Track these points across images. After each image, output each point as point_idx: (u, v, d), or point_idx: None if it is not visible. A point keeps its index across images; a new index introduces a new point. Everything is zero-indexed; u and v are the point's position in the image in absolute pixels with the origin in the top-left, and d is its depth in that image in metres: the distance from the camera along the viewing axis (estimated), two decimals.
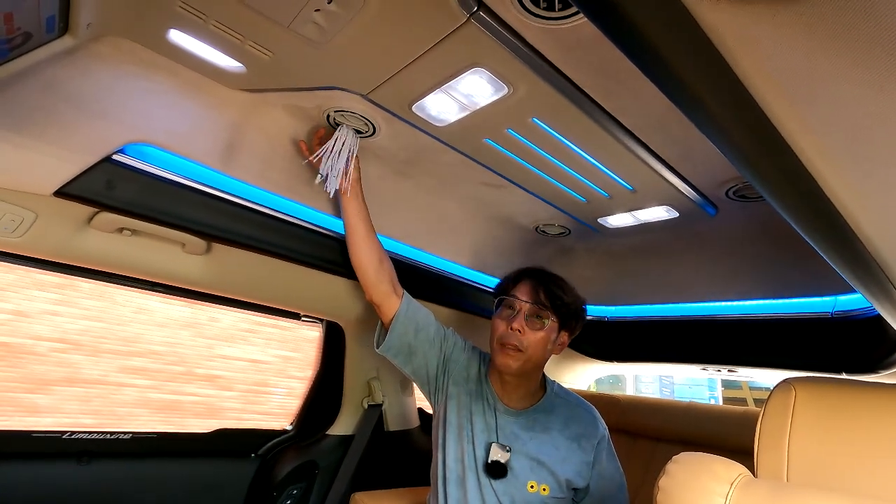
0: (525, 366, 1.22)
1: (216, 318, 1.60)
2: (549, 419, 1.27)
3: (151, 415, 1.49)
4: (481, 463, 1.20)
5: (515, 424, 1.25)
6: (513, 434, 1.24)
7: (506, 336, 1.22)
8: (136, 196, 1.05)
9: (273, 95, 1.07)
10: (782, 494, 0.56)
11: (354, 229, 1.24)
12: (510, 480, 1.18)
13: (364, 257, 1.26)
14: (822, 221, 0.56)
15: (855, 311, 1.33)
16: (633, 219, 1.41)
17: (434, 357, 1.32)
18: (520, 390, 1.29)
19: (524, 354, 1.21)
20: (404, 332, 1.28)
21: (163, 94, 1.00)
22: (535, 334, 1.22)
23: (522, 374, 1.25)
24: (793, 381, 0.70)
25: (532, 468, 1.20)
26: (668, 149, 1.06)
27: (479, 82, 0.90)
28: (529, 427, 1.25)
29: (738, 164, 0.46)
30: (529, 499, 1.19)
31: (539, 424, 1.26)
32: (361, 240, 1.25)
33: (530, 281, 1.27)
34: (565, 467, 1.21)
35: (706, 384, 15.92)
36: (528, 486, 1.19)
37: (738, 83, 0.37)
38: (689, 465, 0.63)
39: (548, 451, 1.22)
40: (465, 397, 1.29)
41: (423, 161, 1.25)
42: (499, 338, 1.24)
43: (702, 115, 0.39)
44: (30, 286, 1.27)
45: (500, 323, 1.25)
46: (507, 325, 1.23)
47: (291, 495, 1.63)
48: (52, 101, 0.89)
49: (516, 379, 1.26)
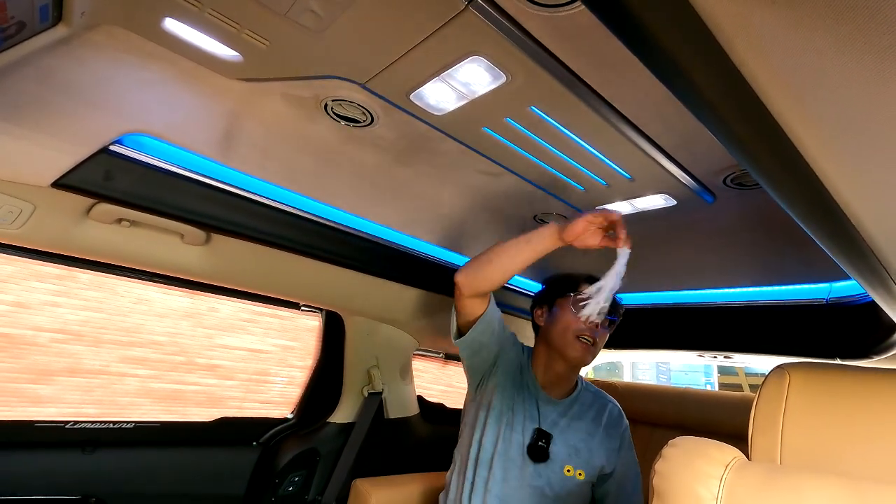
0: (590, 359, 1.35)
1: (216, 309, 1.61)
2: (583, 409, 1.39)
3: (153, 404, 1.50)
4: (520, 447, 1.28)
5: (555, 412, 1.35)
6: (553, 421, 1.33)
7: (586, 330, 1.32)
8: (135, 187, 1.05)
9: (270, 85, 1.06)
10: (775, 476, 0.57)
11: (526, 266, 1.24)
12: (549, 464, 1.27)
13: (504, 279, 1.26)
14: (818, 209, 0.57)
15: (849, 297, 1.34)
16: (630, 207, 1.41)
17: (493, 354, 1.39)
18: (565, 382, 1.40)
19: (595, 350, 1.33)
20: (483, 331, 1.34)
21: (159, 83, 1.00)
22: (604, 334, 1.36)
23: (583, 366, 1.37)
24: (787, 367, 0.72)
25: (569, 454, 1.29)
26: (666, 137, 1.06)
27: (478, 71, 0.90)
28: (567, 415, 1.35)
29: (735, 153, 0.46)
30: (565, 482, 1.27)
31: (575, 413, 1.37)
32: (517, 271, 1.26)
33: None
34: (598, 453, 1.31)
35: (702, 371, 16.05)
36: (565, 470, 1.27)
37: (736, 71, 0.37)
38: (685, 449, 0.64)
39: (583, 438, 1.32)
40: (510, 386, 1.37)
41: (421, 150, 1.25)
42: (576, 331, 1.33)
43: (699, 103, 0.40)
44: (29, 277, 1.27)
45: (575, 317, 1.34)
46: (585, 321, 1.30)
47: (293, 482, 1.65)
48: (47, 91, 0.88)
49: (572, 372, 1.38)
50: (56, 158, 0.95)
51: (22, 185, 0.97)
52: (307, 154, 1.24)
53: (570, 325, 1.35)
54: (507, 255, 1.22)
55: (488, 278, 1.24)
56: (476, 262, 1.26)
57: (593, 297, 1.14)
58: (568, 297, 1.38)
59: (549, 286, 1.49)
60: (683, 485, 0.59)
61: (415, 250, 1.56)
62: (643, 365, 14.94)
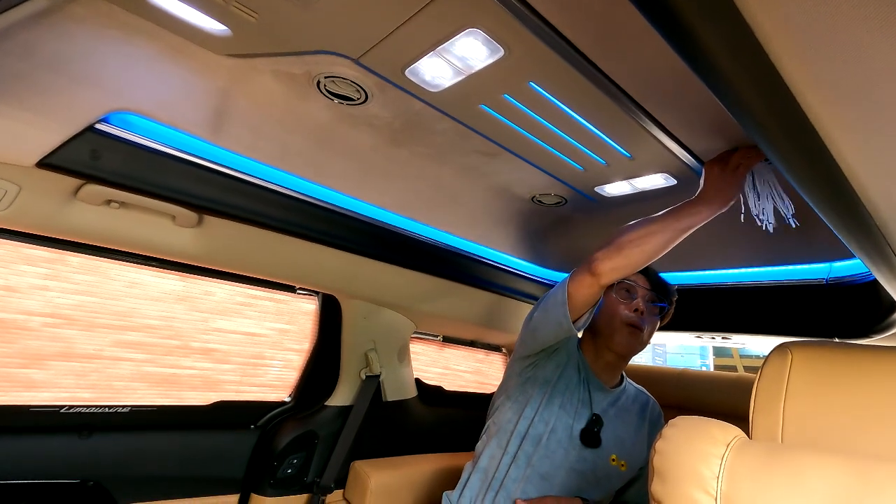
0: (639, 349, 1.32)
1: (210, 292, 1.59)
2: (628, 401, 1.39)
3: (149, 388, 1.49)
4: (570, 430, 1.26)
5: (605, 401, 1.34)
6: (603, 409, 1.32)
7: (633, 318, 1.29)
8: (123, 167, 1.02)
9: (261, 61, 1.03)
10: (777, 455, 0.57)
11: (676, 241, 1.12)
12: (598, 451, 1.26)
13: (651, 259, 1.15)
14: (827, 183, 0.55)
15: (850, 277, 1.33)
16: (630, 187, 1.39)
17: (566, 335, 1.30)
18: (614, 372, 1.38)
19: (643, 337, 1.31)
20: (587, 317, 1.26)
21: (145, 59, 0.96)
22: (653, 319, 1.33)
23: (632, 355, 1.35)
24: (789, 345, 0.71)
25: (616, 443, 1.29)
26: (667, 114, 1.04)
27: (475, 44, 0.87)
28: (616, 405, 1.35)
29: (744, 121, 0.44)
30: (609, 470, 1.27)
31: (623, 404, 1.37)
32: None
33: (644, 272, 1.35)
34: (638, 448, 1.33)
35: (698, 353, 16.24)
36: (611, 459, 1.27)
37: (750, 33, 0.35)
38: (686, 429, 0.63)
39: (628, 431, 1.33)
40: (568, 368, 1.34)
41: (417, 129, 1.22)
42: (624, 318, 1.30)
43: (710, 67, 0.38)
44: (17, 261, 1.24)
45: (623, 305, 1.32)
46: (629, 307, 1.30)
47: (292, 464, 1.66)
48: (28, 66, 0.85)
49: (618, 361, 1.35)
50: (40, 137, 0.92)
51: (6, 164, 0.94)
52: (300, 134, 1.22)
53: (618, 312, 1.33)
54: (656, 238, 1.10)
55: (633, 263, 1.13)
56: (621, 250, 1.14)
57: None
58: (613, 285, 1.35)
59: None
60: (684, 464, 0.59)
61: (411, 232, 1.54)
62: None
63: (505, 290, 1.87)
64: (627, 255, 1.12)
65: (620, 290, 1.36)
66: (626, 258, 1.13)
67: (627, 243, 1.13)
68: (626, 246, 1.13)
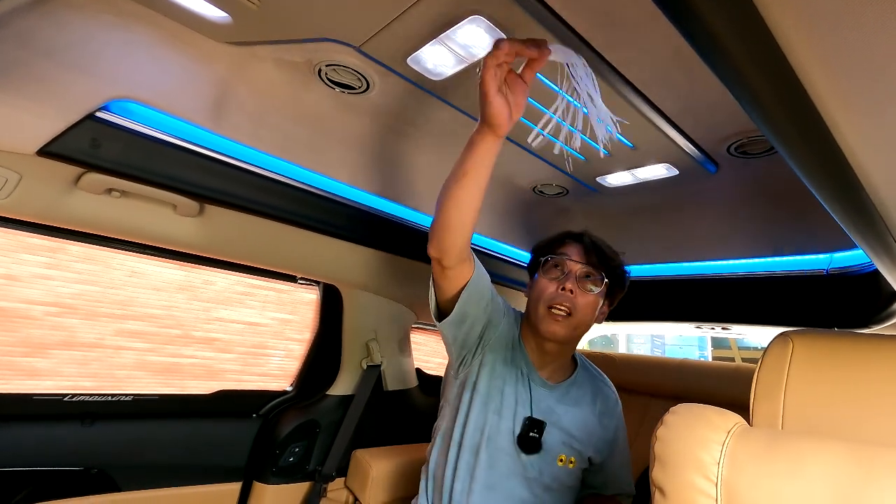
0: (572, 333, 1.15)
1: (211, 282, 1.59)
2: (580, 392, 1.23)
3: (151, 377, 1.50)
4: (510, 435, 1.14)
5: (550, 398, 1.19)
6: (548, 408, 1.18)
7: (557, 298, 1.12)
8: (124, 155, 1.02)
9: (262, 49, 1.03)
10: (778, 441, 0.57)
11: (487, 175, 0.93)
12: (542, 455, 1.14)
13: (474, 213, 0.97)
14: (831, 171, 0.55)
15: (850, 267, 1.34)
16: (632, 177, 1.39)
17: (480, 324, 1.17)
18: (558, 361, 1.23)
19: (573, 320, 1.13)
20: (469, 300, 1.09)
21: (144, 46, 0.96)
22: (586, 296, 1.14)
23: (567, 342, 1.18)
24: (790, 334, 0.71)
25: (563, 442, 1.17)
26: (670, 103, 1.03)
27: (477, 32, 0.86)
28: (563, 401, 1.20)
29: (749, 107, 0.44)
30: (557, 472, 1.16)
31: (571, 398, 1.22)
32: (483, 189, 0.95)
33: (579, 242, 1.19)
34: (591, 442, 1.20)
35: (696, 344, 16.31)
36: (558, 460, 1.16)
37: (757, 14, 0.35)
38: (687, 416, 0.63)
39: (578, 426, 1.19)
40: (499, 366, 1.19)
41: (419, 118, 1.22)
42: (547, 300, 1.14)
43: (713, 44, 0.37)
44: (19, 249, 1.24)
45: (548, 284, 1.15)
46: (557, 287, 1.14)
47: (294, 452, 1.67)
48: (26, 54, 0.85)
49: (558, 348, 1.19)
50: (40, 125, 0.91)
51: (6, 152, 0.94)
52: (301, 122, 1.21)
53: (542, 294, 1.15)
54: (457, 178, 0.92)
55: (451, 219, 0.95)
56: (436, 210, 0.98)
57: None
58: (540, 263, 1.20)
59: (532, 254, 1.29)
60: (685, 450, 0.59)
61: (412, 222, 1.54)
62: (638, 339, 15.15)
63: (506, 280, 1.87)
64: (441, 211, 0.96)
65: (547, 268, 1.18)
66: (442, 214, 0.96)
67: (439, 201, 0.97)
68: (438, 203, 0.97)
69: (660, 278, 1.79)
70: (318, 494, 1.69)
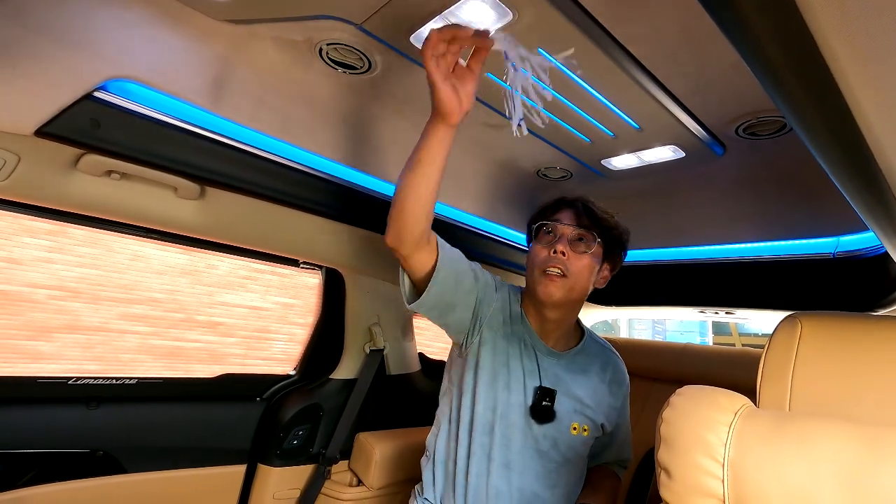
0: (569, 295, 1.13)
1: (214, 266, 1.59)
2: (587, 361, 1.24)
3: (155, 361, 1.50)
4: (522, 408, 1.14)
5: (558, 366, 1.19)
6: (556, 376, 1.18)
7: (548, 261, 1.13)
8: (123, 136, 1.00)
9: (261, 27, 1.00)
10: (785, 422, 0.56)
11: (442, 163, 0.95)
12: (555, 424, 1.14)
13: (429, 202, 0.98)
14: (846, 148, 0.54)
15: (857, 251, 1.32)
16: (637, 160, 1.37)
17: (470, 308, 1.17)
18: (561, 328, 1.22)
19: (568, 281, 1.12)
20: (443, 287, 1.09)
21: (142, 24, 0.94)
22: (580, 259, 1.14)
23: (565, 305, 1.16)
24: (799, 316, 0.70)
25: (575, 410, 1.17)
26: (678, 82, 1.01)
27: (482, 7, 0.84)
28: (571, 368, 1.21)
29: (768, 83, 0.43)
30: (571, 441, 1.16)
31: (579, 366, 1.22)
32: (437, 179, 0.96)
33: (572, 207, 1.19)
34: (601, 410, 1.21)
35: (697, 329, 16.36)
36: (571, 429, 1.16)
37: None
38: (693, 397, 0.63)
39: (588, 394, 1.20)
40: (501, 342, 1.18)
41: (422, 99, 1.20)
42: (540, 264, 1.14)
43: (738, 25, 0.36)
44: (20, 233, 1.24)
45: (541, 249, 1.16)
46: (549, 250, 1.14)
47: (298, 435, 1.68)
48: (21, 32, 0.83)
49: (558, 313, 1.18)
50: (37, 104, 0.90)
51: (4, 133, 0.92)
52: (302, 104, 1.19)
53: (536, 258, 1.16)
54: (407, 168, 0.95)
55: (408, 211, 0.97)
56: (390, 211, 1.00)
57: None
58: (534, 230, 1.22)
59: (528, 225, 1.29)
60: (692, 431, 0.59)
61: None
62: (640, 326, 15.20)
63: (507, 264, 1.87)
64: (396, 200, 0.98)
65: (540, 234, 1.19)
66: (397, 204, 0.98)
67: (395, 191, 0.99)
68: (394, 192, 0.99)
69: (665, 262, 1.78)
70: (322, 476, 1.71)
